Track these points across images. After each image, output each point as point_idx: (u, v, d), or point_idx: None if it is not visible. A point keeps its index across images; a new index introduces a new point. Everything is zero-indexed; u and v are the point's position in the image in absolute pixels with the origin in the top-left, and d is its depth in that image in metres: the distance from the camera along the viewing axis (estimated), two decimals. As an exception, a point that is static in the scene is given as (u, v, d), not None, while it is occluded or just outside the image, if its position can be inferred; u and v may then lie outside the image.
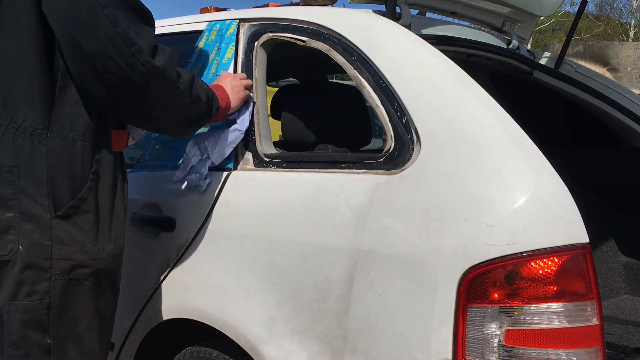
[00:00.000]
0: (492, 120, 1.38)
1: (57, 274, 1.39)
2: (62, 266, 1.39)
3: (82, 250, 1.42)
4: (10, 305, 1.37)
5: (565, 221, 1.25)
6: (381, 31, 1.63)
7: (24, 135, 1.38)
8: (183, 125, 1.61)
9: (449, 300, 1.26)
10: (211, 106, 1.60)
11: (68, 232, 1.40)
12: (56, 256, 1.38)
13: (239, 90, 1.73)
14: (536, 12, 2.34)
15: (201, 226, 1.73)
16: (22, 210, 1.36)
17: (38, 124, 1.39)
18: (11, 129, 1.38)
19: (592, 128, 2.51)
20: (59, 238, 1.39)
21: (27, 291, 1.37)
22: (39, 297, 1.38)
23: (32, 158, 1.37)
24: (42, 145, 1.38)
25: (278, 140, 2.31)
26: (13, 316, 1.38)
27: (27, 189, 1.37)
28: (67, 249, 1.40)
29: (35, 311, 1.38)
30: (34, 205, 1.37)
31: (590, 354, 1.24)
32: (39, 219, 1.37)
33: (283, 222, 1.57)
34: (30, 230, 1.36)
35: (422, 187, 1.36)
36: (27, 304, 1.37)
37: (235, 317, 1.59)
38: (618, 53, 9.79)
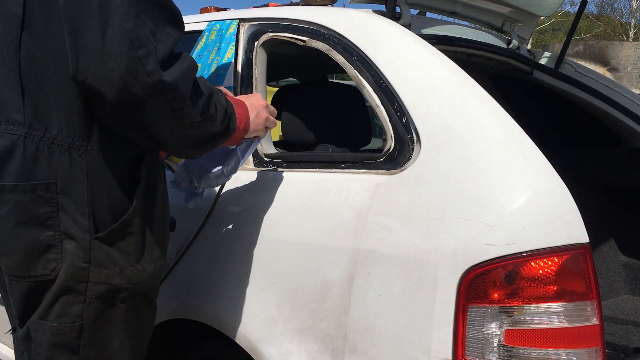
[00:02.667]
0: (492, 120, 1.38)
1: (93, 297, 1.27)
2: (98, 290, 1.27)
3: (122, 274, 1.29)
4: (39, 324, 1.27)
5: (565, 221, 1.25)
6: (381, 31, 1.63)
7: (61, 149, 1.22)
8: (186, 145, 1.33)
9: (449, 300, 1.26)
10: (227, 126, 1.36)
11: (108, 254, 1.26)
12: (93, 279, 1.26)
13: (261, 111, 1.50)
14: (536, 12, 2.34)
15: (201, 226, 1.73)
16: (62, 229, 1.23)
17: (76, 135, 1.23)
18: (46, 141, 1.21)
19: (592, 128, 2.51)
20: (97, 261, 1.26)
21: (57, 313, 1.26)
22: (70, 320, 1.27)
23: (70, 173, 1.22)
24: (82, 159, 1.23)
25: (278, 140, 2.31)
26: (41, 336, 1.27)
27: (66, 206, 1.23)
28: (106, 273, 1.27)
29: (64, 334, 1.27)
30: (73, 225, 1.23)
31: (590, 354, 1.24)
32: (77, 239, 1.24)
33: (283, 222, 1.57)
34: (71, 249, 1.24)
35: (422, 187, 1.36)
36: (56, 325, 1.27)
37: (235, 317, 1.59)
38: (618, 53, 9.80)
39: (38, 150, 1.22)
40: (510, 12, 2.34)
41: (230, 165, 1.57)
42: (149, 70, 1.13)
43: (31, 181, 1.21)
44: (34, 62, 1.22)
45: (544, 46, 16.00)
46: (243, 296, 1.60)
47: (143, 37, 1.13)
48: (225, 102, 1.36)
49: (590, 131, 2.54)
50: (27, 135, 1.22)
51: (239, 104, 1.44)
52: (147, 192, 1.31)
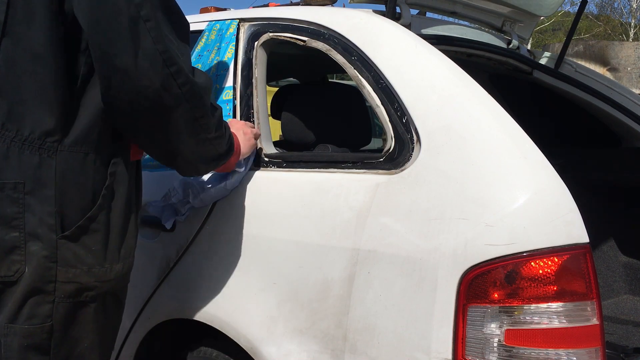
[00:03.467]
0: (492, 120, 1.38)
1: (62, 297, 1.29)
2: (67, 289, 1.29)
3: (89, 272, 1.31)
4: (9, 328, 1.27)
5: (565, 221, 1.25)
6: (381, 31, 1.63)
7: (32, 149, 1.25)
8: (196, 161, 1.43)
9: (449, 300, 1.26)
10: (229, 148, 1.48)
11: (75, 253, 1.29)
12: (61, 279, 1.28)
13: (249, 137, 1.62)
14: (536, 12, 2.34)
15: (201, 226, 1.73)
16: (27, 230, 1.25)
17: (48, 136, 1.26)
18: (17, 142, 1.25)
19: (592, 128, 2.51)
20: (64, 260, 1.28)
21: (27, 314, 1.27)
22: (40, 321, 1.28)
23: (39, 173, 1.25)
24: (52, 160, 1.26)
25: (278, 140, 2.31)
26: (12, 340, 1.28)
27: (33, 207, 1.25)
28: (73, 272, 1.29)
29: (35, 335, 1.28)
30: (40, 225, 1.25)
31: (590, 353, 1.24)
32: (44, 239, 1.26)
33: (283, 222, 1.57)
34: (36, 251, 1.25)
35: (422, 187, 1.36)
36: (27, 327, 1.27)
37: (235, 317, 1.59)
38: (618, 53, 9.80)
39: (9, 150, 1.25)
40: (510, 12, 2.34)
41: (233, 179, 1.65)
42: (180, 83, 1.25)
43: (0, 180, 1.24)
44: (12, 66, 1.25)
45: (544, 46, 16.00)
46: (243, 296, 1.60)
47: (173, 55, 1.24)
48: (229, 129, 1.48)
49: (590, 131, 2.54)
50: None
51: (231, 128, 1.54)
52: (113, 190, 1.34)
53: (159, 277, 1.81)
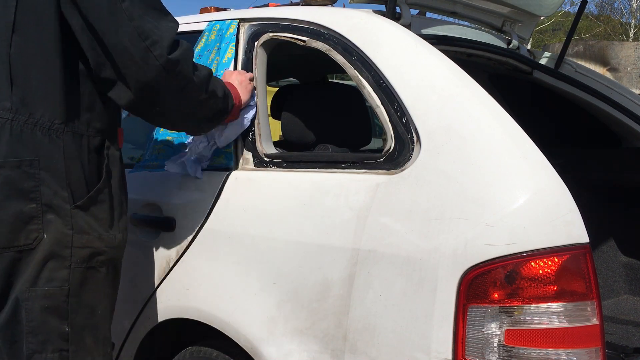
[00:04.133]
0: (492, 120, 1.38)
1: (77, 262, 1.44)
2: (81, 254, 1.45)
3: (100, 238, 1.48)
4: (30, 292, 1.40)
5: (565, 221, 1.25)
6: (381, 31, 1.63)
7: (42, 130, 1.43)
8: (199, 121, 1.62)
9: (449, 300, 1.26)
10: (227, 103, 1.63)
11: (87, 221, 1.46)
12: (77, 245, 1.44)
13: (246, 85, 1.75)
14: (536, 12, 2.34)
15: (201, 226, 1.73)
16: (44, 201, 1.41)
17: (56, 119, 1.44)
18: (29, 124, 1.42)
19: (592, 128, 2.51)
20: (79, 227, 1.44)
21: (47, 278, 1.41)
22: (59, 284, 1.42)
23: (50, 152, 1.42)
24: (60, 140, 1.44)
25: (278, 140, 2.31)
26: (33, 303, 1.40)
27: (47, 181, 1.41)
28: (87, 238, 1.45)
29: (54, 297, 1.42)
30: (55, 196, 1.42)
31: (590, 354, 1.24)
32: (59, 209, 1.42)
33: (283, 222, 1.57)
34: (53, 220, 1.41)
35: (422, 187, 1.36)
36: (47, 289, 1.41)
37: (235, 317, 1.59)
38: (618, 53, 9.79)
39: (23, 132, 1.42)
40: (510, 12, 2.34)
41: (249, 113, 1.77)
42: (157, 55, 1.41)
43: (18, 158, 1.41)
44: (23, 59, 1.43)
45: (544, 46, 15.99)
46: (243, 296, 1.60)
47: (147, 30, 1.41)
48: (222, 83, 1.63)
49: (590, 131, 2.54)
50: (14, 119, 1.42)
51: (228, 85, 1.69)
52: (112, 168, 1.54)
53: (159, 277, 1.81)
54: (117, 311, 1.63)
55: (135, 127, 2.70)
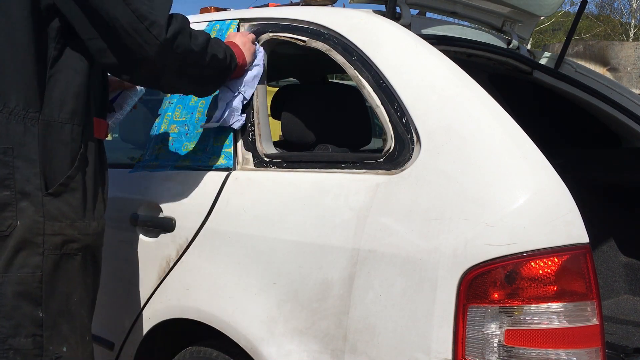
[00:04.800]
0: (492, 120, 1.38)
1: (50, 249, 1.46)
2: (54, 241, 1.47)
3: (72, 226, 1.50)
4: (3, 277, 1.43)
5: (565, 221, 1.25)
6: (381, 31, 1.63)
7: (17, 119, 1.46)
8: (204, 84, 1.69)
9: (449, 300, 1.26)
10: (230, 63, 1.67)
11: (59, 208, 1.48)
12: (48, 232, 1.46)
13: (249, 45, 1.78)
14: (536, 12, 2.34)
15: (201, 226, 1.73)
16: (17, 189, 1.44)
17: (30, 108, 1.47)
18: (4, 113, 1.45)
19: (592, 128, 2.51)
20: (50, 214, 1.47)
21: (20, 264, 1.44)
22: (31, 270, 1.44)
23: (24, 140, 1.45)
24: (34, 128, 1.47)
25: (278, 140, 2.31)
26: (6, 288, 1.43)
27: (21, 168, 1.45)
28: (59, 225, 1.48)
29: (27, 283, 1.44)
30: (28, 184, 1.45)
31: (590, 354, 1.24)
32: (32, 197, 1.45)
33: (283, 222, 1.57)
34: (25, 207, 1.44)
35: (422, 187, 1.36)
36: (19, 275, 1.44)
37: (235, 317, 1.59)
38: (618, 53, 9.78)
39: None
40: (510, 12, 2.34)
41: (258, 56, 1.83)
42: (156, 34, 1.46)
43: None
44: None
45: (544, 46, 15.99)
46: (243, 296, 1.60)
47: (144, 12, 1.45)
48: (224, 45, 1.68)
49: (590, 131, 2.53)
50: None
51: (232, 45, 1.73)
52: (85, 155, 1.56)
53: (159, 277, 1.81)
54: (117, 311, 1.63)
55: (135, 127, 2.70)
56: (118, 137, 2.83)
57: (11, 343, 1.45)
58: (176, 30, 1.50)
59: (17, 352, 1.45)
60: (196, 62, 1.58)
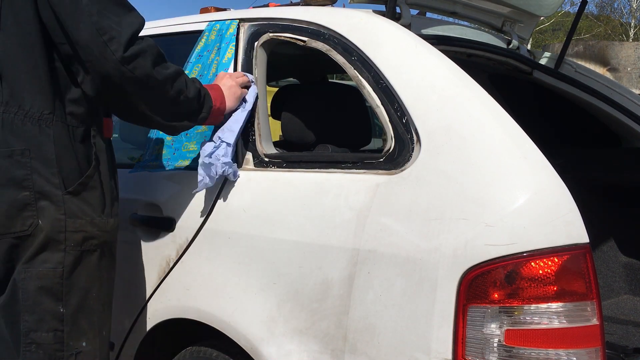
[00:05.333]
0: (492, 120, 1.38)
1: (71, 245, 1.50)
2: (75, 238, 1.51)
3: (92, 223, 1.54)
4: (26, 272, 1.47)
5: (565, 221, 1.25)
6: (381, 31, 1.63)
7: (32, 121, 1.49)
8: (171, 120, 1.63)
9: (449, 300, 1.26)
10: (202, 104, 1.64)
11: (79, 206, 1.52)
12: (70, 229, 1.50)
13: (235, 89, 1.74)
14: (536, 12, 2.34)
15: (201, 226, 1.73)
16: (36, 189, 1.47)
17: (44, 110, 1.50)
18: (20, 115, 1.48)
19: (592, 128, 2.51)
20: (71, 212, 1.50)
21: (42, 259, 1.48)
22: (53, 266, 1.48)
23: (40, 141, 1.49)
24: (49, 129, 1.50)
25: (278, 140, 2.31)
26: (28, 283, 1.47)
27: (39, 169, 1.48)
28: (80, 222, 1.52)
29: (48, 278, 1.48)
30: (47, 183, 1.48)
31: (590, 354, 1.24)
32: (52, 196, 1.48)
33: (283, 222, 1.57)
34: (46, 206, 1.48)
35: (422, 187, 1.36)
36: (41, 270, 1.48)
37: (235, 317, 1.59)
38: (618, 53, 9.79)
39: (14, 123, 1.49)
40: (510, 12, 2.34)
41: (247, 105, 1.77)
42: (113, 50, 1.45)
43: (10, 148, 1.47)
44: (8, 54, 1.50)
45: (544, 46, 15.99)
46: (243, 296, 1.60)
47: (106, 26, 1.45)
48: (198, 84, 1.64)
49: (590, 131, 2.53)
50: (5, 111, 1.49)
51: (213, 88, 1.70)
52: (99, 156, 1.59)
53: (159, 277, 1.81)
54: (117, 311, 1.63)
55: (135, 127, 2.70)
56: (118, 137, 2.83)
57: (33, 337, 1.48)
58: (137, 51, 1.48)
59: (39, 346, 1.49)
60: (157, 92, 1.54)
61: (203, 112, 1.65)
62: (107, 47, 1.44)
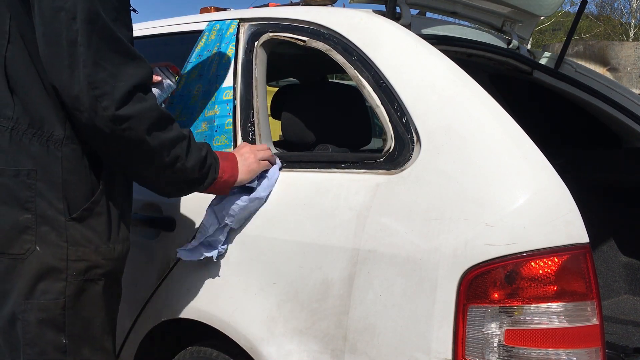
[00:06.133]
0: (492, 120, 1.38)
1: (73, 274, 1.41)
2: (77, 267, 1.42)
3: (97, 251, 1.44)
4: (26, 305, 1.39)
5: (565, 221, 1.25)
6: (381, 31, 1.63)
7: (41, 141, 1.40)
8: (165, 185, 1.52)
9: (449, 300, 1.26)
10: (205, 174, 1.52)
11: (82, 233, 1.42)
12: (72, 257, 1.41)
13: (251, 162, 1.62)
14: (536, 12, 2.34)
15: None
16: (38, 213, 1.39)
17: (54, 130, 1.41)
18: (28, 134, 1.40)
19: (592, 128, 2.51)
20: (74, 240, 1.41)
21: (42, 290, 1.39)
22: (54, 297, 1.40)
23: (48, 163, 1.40)
24: (58, 151, 1.41)
25: (278, 140, 2.31)
26: (29, 315, 1.39)
27: (44, 192, 1.39)
28: (83, 250, 1.42)
29: (50, 310, 1.40)
30: (50, 208, 1.39)
31: (590, 354, 1.24)
32: (54, 221, 1.39)
33: (283, 222, 1.57)
34: (47, 231, 1.39)
35: (422, 187, 1.36)
36: (42, 302, 1.39)
37: (235, 317, 1.59)
38: (618, 53, 9.80)
39: (21, 141, 1.40)
40: (510, 12, 2.34)
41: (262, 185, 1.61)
42: (104, 106, 1.32)
43: (16, 167, 1.40)
44: (18, 72, 1.41)
45: (544, 46, 15.99)
46: (243, 296, 1.60)
47: (99, 80, 1.32)
48: (205, 152, 1.52)
49: (590, 131, 2.54)
50: (14, 128, 1.40)
51: (226, 157, 1.58)
52: (110, 178, 1.48)
53: (159, 277, 1.81)
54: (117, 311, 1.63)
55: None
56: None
57: None
58: (131, 113, 1.35)
59: None
60: (151, 157, 1.42)
61: (205, 183, 1.53)
62: (98, 103, 1.32)
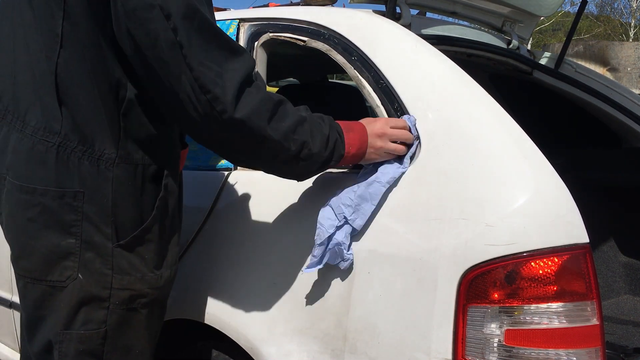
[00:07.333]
0: (492, 120, 1.38)
1: (116, 303, 1.33)
2: (121, 296, 1.33)
3: (143, 280, 1.35)
4: (64, 335, 1.31)
5: (565, 221, 1.25)
6: (381, 31, 1.63)
7: (91, 160, 1.29)
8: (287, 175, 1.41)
9: (449, 300, 1.26)
10: (331, 154, 1.36)
11: (130, 261, 1.33)
12: (116, 286, 1.32)
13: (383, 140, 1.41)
14: (536, 12, 2.34)
15: (201, 226, 1.73)
16: (84, 238, 1.28)
17: (106, 149, 1.29)
18: (77, 152, 1.28)
19: (592, 128, 2.51)
20: (120, 267, 1.32)
21: (83, 320, 1.31)
22: (96, 327, 1.32)
23: (98, 184, 1.29)
24: (109, 172, 1.29)
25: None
26: (67, 346, 1.31)
27: (91, 216, 1.29)
28: (128, 279, 1.33)
29: (90, 341, 1.32)
30: (97, 233, 1.29)
31: (590, 354, 1.24)
32: (100, 247, 1.30)
33: (283, 222, 1.57)
34: (91, 258, 1.29)
35: (422, 187, 1.36)
36: (82, 333, 1.31)
37: (235, 317, 1.59)
38: (618, 53, 9.80)
39: (69, 160, 1.28)
40: (510, 12, 2.34)
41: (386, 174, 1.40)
42: (220, 111, 1.22)
43: (61, 188, 1.27)
44: (70, 80, 1.28)
45: (544, 46, 15.99)
46: (243, 296, 1.60)
47: (208, 82, 1.21)
48: (328, 128, 1.36)
49: (590, 131, 2.54)
50: (61, 144, 1.28)
51: (352, 128, 1.40)
52: (165, 201, 1.37)
53: (159, 277, 1.81)
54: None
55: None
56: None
57: None
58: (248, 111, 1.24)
59: None
60: (274, 152, 1.30)
61: (332, 163, 1.38)
62: (212, 107, 1.21)
